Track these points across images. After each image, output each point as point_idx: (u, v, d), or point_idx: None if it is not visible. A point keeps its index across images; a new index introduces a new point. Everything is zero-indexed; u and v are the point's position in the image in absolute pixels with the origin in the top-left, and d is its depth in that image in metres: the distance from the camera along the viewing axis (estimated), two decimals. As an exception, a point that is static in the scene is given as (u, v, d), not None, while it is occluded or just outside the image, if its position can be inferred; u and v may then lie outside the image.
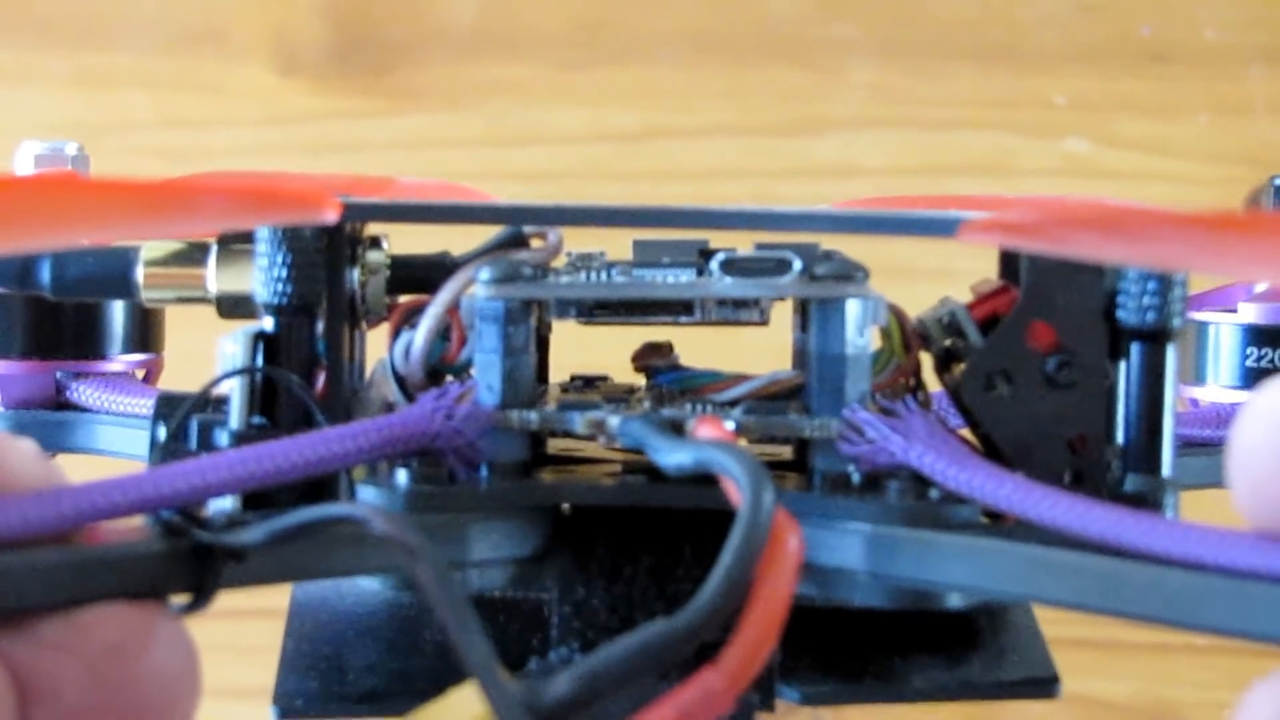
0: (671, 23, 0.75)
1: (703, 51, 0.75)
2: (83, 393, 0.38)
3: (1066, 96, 0.75)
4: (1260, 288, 0.38)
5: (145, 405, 0.37)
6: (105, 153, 0.74)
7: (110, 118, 0.75)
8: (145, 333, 0.39)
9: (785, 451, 0.31)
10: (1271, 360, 0.37)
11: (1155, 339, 0.28)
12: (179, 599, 0.24)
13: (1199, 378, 0.38)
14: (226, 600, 0.25)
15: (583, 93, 0.75)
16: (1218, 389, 0.38)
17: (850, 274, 0.28)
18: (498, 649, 0.22)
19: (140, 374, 0.39)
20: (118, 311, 0.38)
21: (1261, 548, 0.22)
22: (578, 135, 0.75)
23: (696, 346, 0.32)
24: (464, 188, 0.39)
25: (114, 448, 0.37)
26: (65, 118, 0.75)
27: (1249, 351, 0.38)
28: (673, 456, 0.25)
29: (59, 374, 0.38)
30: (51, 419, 0.38)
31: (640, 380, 0.31)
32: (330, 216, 0.27)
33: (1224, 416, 0.36)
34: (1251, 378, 0.38)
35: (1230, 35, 0.75)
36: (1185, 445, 0.35)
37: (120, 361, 0.39)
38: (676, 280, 0.28)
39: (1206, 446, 0.35)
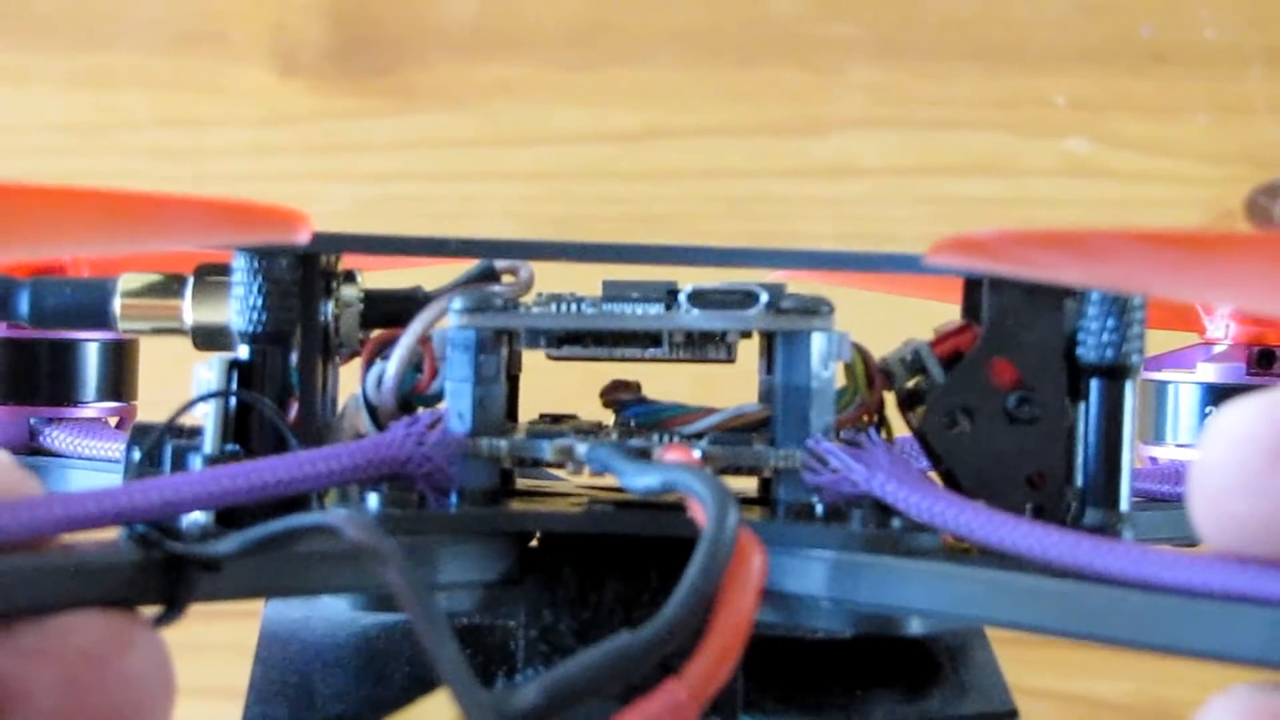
0: (671, 23, 0.75)
1: (703, 51, 0.75)
2: (56, 438, 0.38)
3: (1066, 96, 0.75)
4: (1219, 349, 0.39)
5: (117, 450, 0.37)
6: (105, 153, 0.75)
7: (110, 118, 0.75)
8: (118, 381, 0.39)
9: (749, 488, 0.31)
10: None
11: (1114, 375, 0.29)
12: (152, 610, 0.24)
13: (1158, 437, 0.39)
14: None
15: (583, 93, 0.75)
16: (1176, 448, 0.39)
17: (815, 308, 0.29)
18: None
19: (113, 421, 0.40)
20: (91, 359, 0.39)
21: (1217, 569, 0.22)
22: (578, 135, 0.75)
23: (664, 386, 0.32)
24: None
25: None
26: (65, 118, 0.75)
27: (1207, 410, 0.38)
28: (640, 479, 0.26)
29: (32, 419, 0.38)
30: (24, 463, 0.38)
31: (607, 418, 0.32)
32: (303, 238, 0.27)
33: (1182, 474, 0.37)
34: None
35: (1230, 35, 0.75)
36: (1145, 500, 0.36)
37: (93, 409, 0.39)
38: (645, 312, 0.29)
39: (1165, 502, 0.36)
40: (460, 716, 0.21)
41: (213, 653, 0.41)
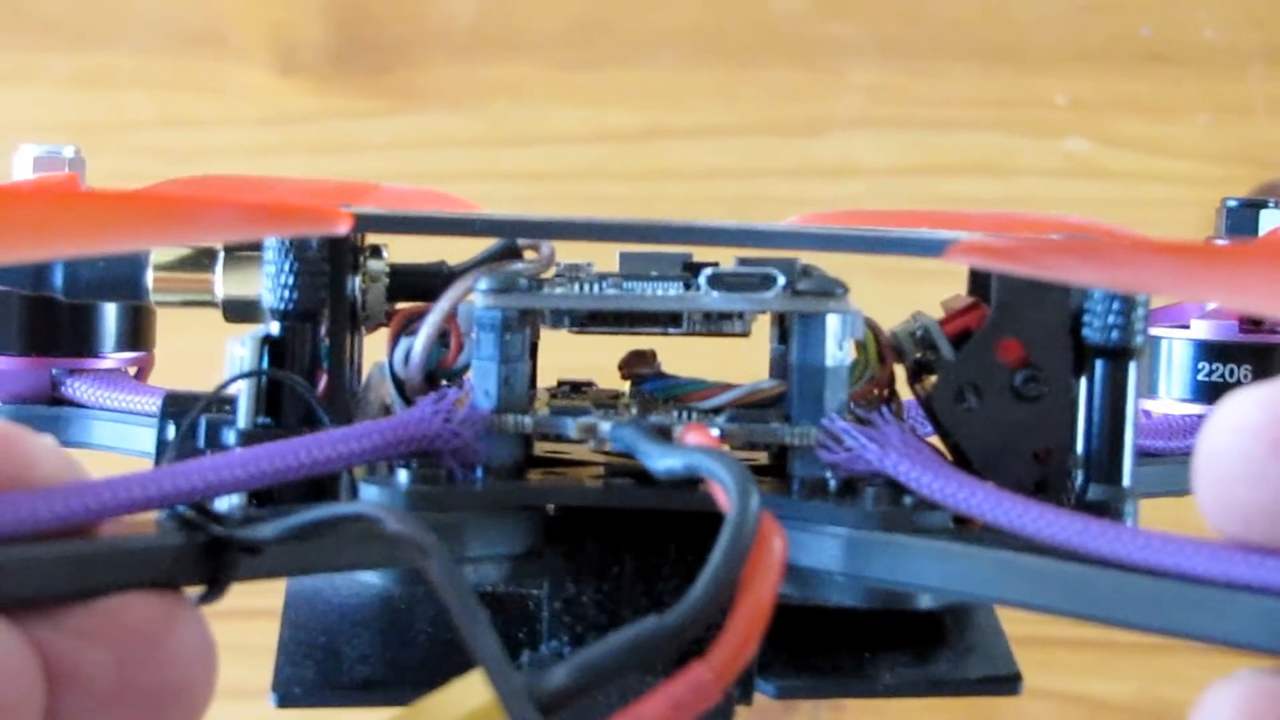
0: (671, 23, 0.75)
1: (703, 51, 0.76)
2: (77, 389, 0.39)
3: (1066, 96, 0.75)
4: (1212, 305, 0.39)
5: (138, 401, 0.38)
6: (105, 153, 0.74)
7: (110, 118, 0.75)
8: (137, 331, 0.40)
9: (762, 457, 0.32)
10: (1221, 375, 0.39)
11: (1118, 356, 0.30)
12: (194, 590, 0.25)
13: (1152, 390, 0.40)
14: (229, 601, 0.25)
15: (583, 93, 0.75)
16: (1170, 401, 0.40)
17: (831, 290, 0.29)
18: None
19: (132, 371, 0.40)
20: (111, 311, 0.39)
21: (1219, 556, 0.23)
22: (578, 135, 0.75)
23: (679, 355, 0.33)
24: (446, 195, 0.40)
25: (107, 442, 0.38)
26: (65, 118, 0.75)
27: (1200, 366, 0.39)
28: (663, 461, 0.27)
29: (54, 370, 0.39)
30: (47, 414, 0.38)
31: (624, 386, 0.33)
32: (341, 229, 0.28)
33: (1175, 428, 0.38)
34: (1202, 391, 0.39)
35: (1230, 35, 0.75)
36: (1139, 455, 0.37)
37: (113, 359, 0.39)
38: (665, 293, 0.30)
39: (1159, 456, 0.37)
40: (494, 697, 0.22)
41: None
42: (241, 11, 0.75)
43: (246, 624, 0.43)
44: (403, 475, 0.28)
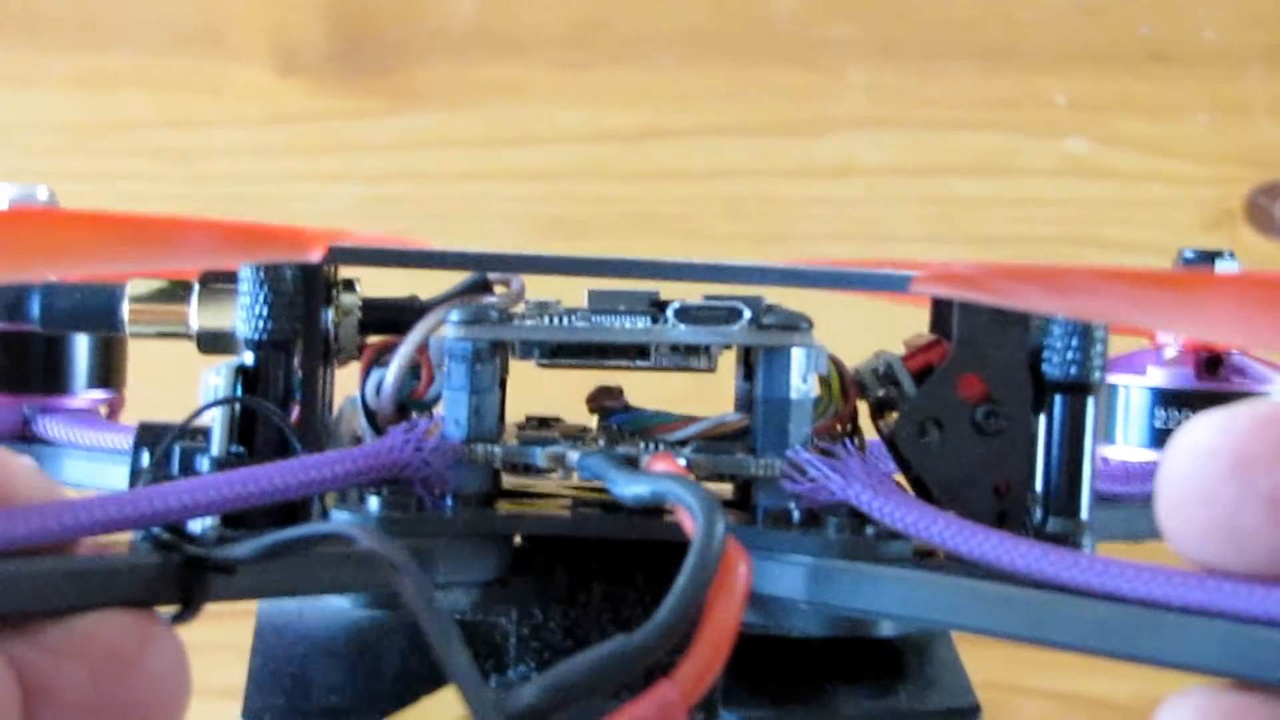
0: (671, 23, 0.75)
1: (703, 51, 0.76)
2: (49, 427, 0.39)
3: (1066, 96, 0.75)
4: (1169, 354, 0.40)
5: (109, 439, 0.38)
6: (105, 153, 0.75)
7: (110, 118, 0.75)
8: (108, 370, 0.40)
9: (727, 491, 0.32)
10: (1178, 422, 0.39)
11: (1076, 391, 0.30)
12: (169, 609, 0.25)
13: (1109, 437, 0.40)
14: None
15: (583, 93, 0.75)
16: (1128, 448, 0.40)
17: (796, 324, 0.30)
18: None
19: (103, 410, 0.40)
20: (83, 348, 0.39)
21: (1175, 582, 0.24)
22: (578, 135, 0.75)
23: (646, 391, 0.33)
24: (407, 239, 0.40)
25: (78, 479, 0.38)
26: (65, 118, 0.75)
27: (1157, 413, 0.39)
28: (630, 488, 0.27)
29: (25, 408, 0.39)
30: (18, 451, 0.39)
31: (591, 421, 0.33)
32: (315, 256, 0.29)
33: (1133, 473, 0.38)
34: (1159, 438, 0.39)
35: (1230, 35, 0.75)
36: (1098, 499, 0.37)
37: (84, 398, 0.40)
38: (634, 325, 0.31)
39: (1117, 500, 0.37)
40: (467, 714, 0.23)
41: (213, 653, 0.41)
42: (241, 11, 0.75)
43: (246, 624, 0.43)
44: (373, 502, 0.29)
